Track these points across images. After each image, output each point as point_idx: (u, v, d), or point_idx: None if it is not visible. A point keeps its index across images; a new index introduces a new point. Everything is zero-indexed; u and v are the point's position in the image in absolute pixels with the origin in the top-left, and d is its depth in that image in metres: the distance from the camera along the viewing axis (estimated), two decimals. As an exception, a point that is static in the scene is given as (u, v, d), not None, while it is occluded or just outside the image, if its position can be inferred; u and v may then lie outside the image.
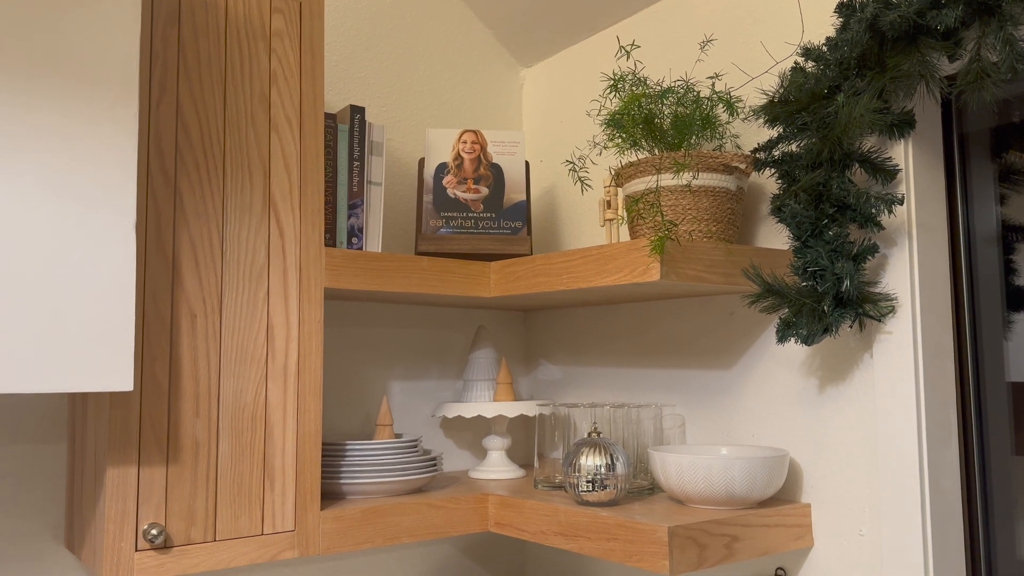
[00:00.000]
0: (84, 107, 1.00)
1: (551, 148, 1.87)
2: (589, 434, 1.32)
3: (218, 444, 1.17)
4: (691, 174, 1.22)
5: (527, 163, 1.63)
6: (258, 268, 1.22)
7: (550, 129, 1.88)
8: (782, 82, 1.23)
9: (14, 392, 0.92)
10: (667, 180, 1.25)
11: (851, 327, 1.23)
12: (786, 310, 1.18)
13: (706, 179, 1.26)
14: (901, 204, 1.15)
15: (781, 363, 1.35)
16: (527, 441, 1.86)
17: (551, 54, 1.89)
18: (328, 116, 1.40)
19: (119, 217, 1.01)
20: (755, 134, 1.40)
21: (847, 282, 1.12)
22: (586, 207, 1.76)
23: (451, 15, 1.85)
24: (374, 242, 1.44)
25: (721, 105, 1.34)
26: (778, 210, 1.19)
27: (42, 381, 0.95)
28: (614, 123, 1.31)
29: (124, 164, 1.02)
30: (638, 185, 1.31)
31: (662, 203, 1.27)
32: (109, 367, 0.99)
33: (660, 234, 1.13)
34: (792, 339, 1.17)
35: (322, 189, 1.28)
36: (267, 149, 1.24)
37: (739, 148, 1.42)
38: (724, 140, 1.41)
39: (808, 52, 1.24)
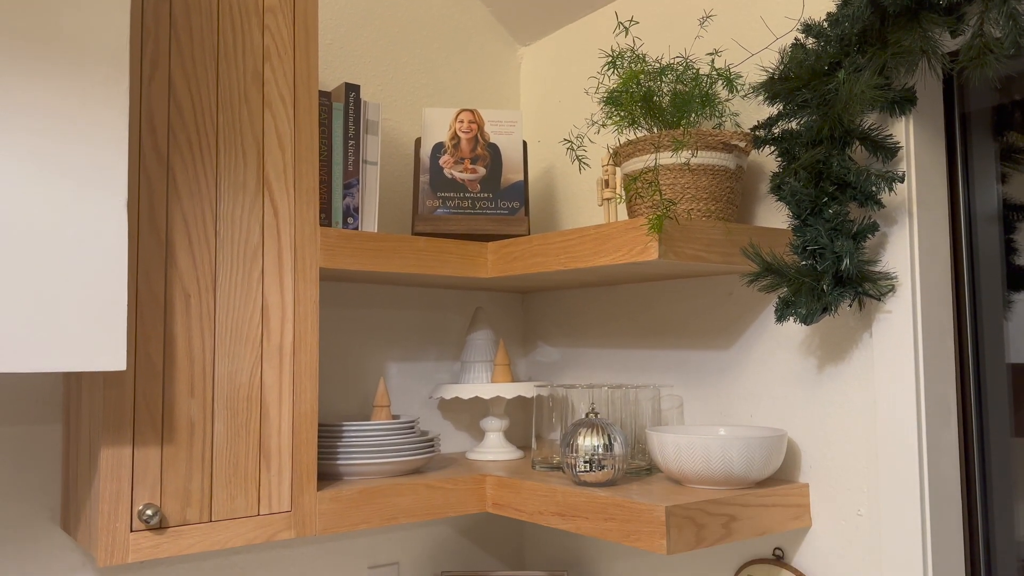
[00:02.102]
0: (75, 84, 0.98)
1: (549, 128, 1.85)
2: (587, 415, 1.32)
3: (213, 425, 1.16)
4: (690, 152, 1.21)
5: (525, 143, 1.61)
6: (252, 247, 1.20)
7: (548, 109, 1.86)
8: (782, 59, 1.21)
9: (5, 372, 0.92)
10: (665, 158, 1.24)
11: (850, 306, 1.22)
12: (785, 289, 1.17)
13: (705, 157, 1.24)
14: (902, 182, 1.14)
15: (780, 343, 1.34)
16: (525, 422, 1.86)
17: (549, 32, 1.87)
18: (322, 94, 1.38)
19: (110, 195, 1.00)
20: (755, 112, 1.39)
21: (847, 260, 1.11)
22: (584, 187, 1.75)
23: (448, -7, 1.83)
24: (370, 222, 1.42)
25: (721, 82, 1.33)
26: (777, 188, 1.18)
27: (34, 361, 0.95)
28: (612, 100, 1.29)
29: (115, 141, 1.00)
30: (636, 164, 1.29)
31: (661, 182, 1.25)
32: (102, 346, 0.98)
33: (658, 213, 1.12)
34: (791, 318, 1.16)
35: (316, 168, 1.27)
36: (260, 127, 1.23)
37: (739, 126, 1.40)
38: (723, 118, 1.39)
39: (808, 28, 1.22)
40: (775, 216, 1.36)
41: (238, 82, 1.21)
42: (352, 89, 1.41)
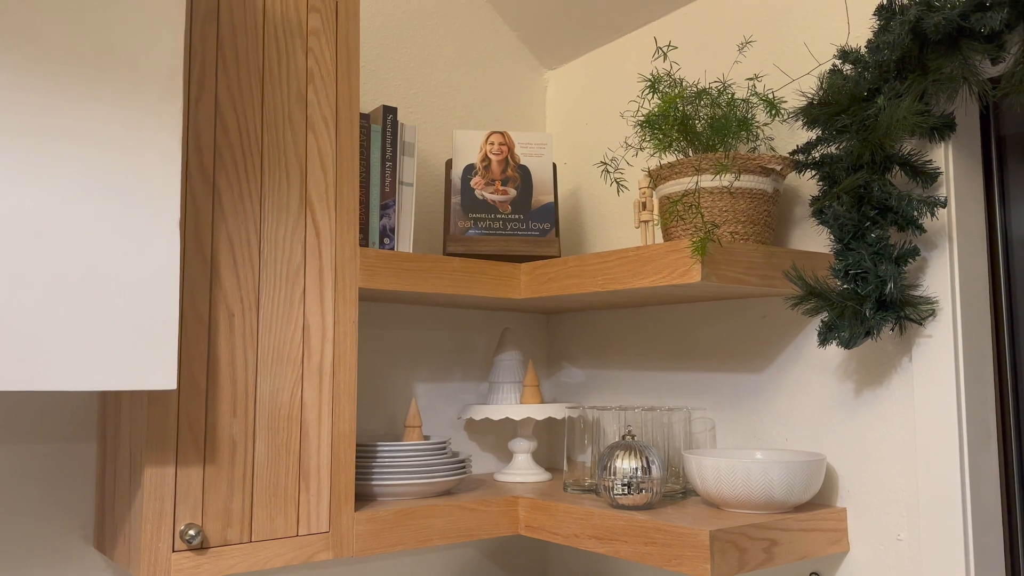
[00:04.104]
0: (130, 101, 0.99)
1: (575, 151, 1.86)
2: (623, 437, 1.32)
3: (254, 444, 1.16)
4: (733, 175, 1.22)
5: (554, 165, 1.62)
6: (295, 267, 1.21)
7: (574, 131, 1.87)
8: (821, 84, 1.22)
9: (57, 390, 0.92)
10: (706, 181, 1.24)
11: (892, 331, 1.22)
12: (826, 313, 1.17)
13: (744, 181, 1.25)
14: (944, 207, 1.15)
15: (816, 367, 1.34)
16: (550, 444, 1.85)
17: (575, 57, 1.89)
18: (361, 116, 1.39)
19: (163, 213, 1.00)
20: (788, 136, 1.40)
21: (890, 285, 1.11)
22: (611, 209, 1.75)
23: (476, 17, 1.85)
24: (405, 243, 1.43)
25: (762, 106, 1.34)
26: (819, 212, 1.19)
27: (85, 379, 0.95)
28: (650, 124, 1.30)
29: (168, 159, 1.01)
30: (673, 186, 1.30)
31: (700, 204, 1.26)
32: (152, 365, 0.98)
33: (702, 235, 1.12)
34: (833, 342, 1.16)
35: (357, 189, 1.28)
36: (304, 148, 1.23)
37: (773, 150, 1.41)
38: (759, 142, 1.40)
39: (845, 55, 1.23)
40: (810, 240, 1.37)
41: (282, 104, 1.22)
42: (390, 111, 1.42)
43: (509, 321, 1.83)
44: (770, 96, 1.32)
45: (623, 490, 1.25)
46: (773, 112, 1.30)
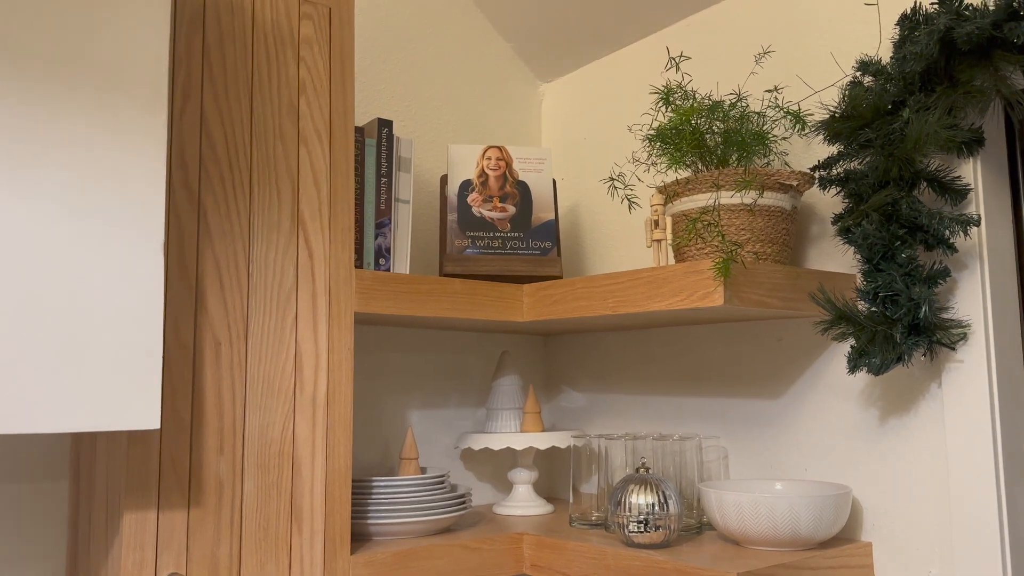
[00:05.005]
0: (111, 114, 0.91)
1: (572, 166, 1.79)
2: (637, 469, 1.24)
3: (243, 484, 1.06)
4: (756, 192, 1.15)
5: (554, 181, 1.55)
6: (286, 291, 1.12)
7: (571, 146, 1.80)
8: (843, 96, 1.17)
9: (31, 432, 0.82)
10: (724, 198, 1.18)
11: (924, 356, 1.16)
12: (853, 339, 1.11)
13: (764, 198, 1.18)
14: (978, 225, 1.09)
15: (837, 393, 1.28)
16: (551, 473, 1.77)
17: (571, 69, 1.82)
18: (355, 130, 1.31)
19: (146, 235, 0.91)
20: (803, 151, 1.34)
21: (924, 308, 1.05)
22: (613, 227, 1.68)
23: (471, 29, 1.78)
24: (402, 263, 1.35)
25: (780, 120, 1.27)
26: (846, 231, 1.12)
27: (61, 420, 0.85)
28: (662, 138, 1.24)
29: (152, 177, 0.92)
30: (688, 203, 1.23)
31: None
32: (134, 403, 0.89)
33: (725, 256, 1.05)
34: (863, 369, 1.10)
35: (352, 207, 1.20)
36: (295, 163, 1.15)
37: (787, 165, 1.35)
38: (772, 157, 1.34)
39: (865, 66, 1.18)
40: (828, 259, 1.30)
41: (273, 116, 1.14)
42: (385, 125, 1.34)
43: (504, 343, 1.75)
44: (795, 109, 1.25)
45: (638, 527, 1.18)
46: (800, 125, 1.24)
